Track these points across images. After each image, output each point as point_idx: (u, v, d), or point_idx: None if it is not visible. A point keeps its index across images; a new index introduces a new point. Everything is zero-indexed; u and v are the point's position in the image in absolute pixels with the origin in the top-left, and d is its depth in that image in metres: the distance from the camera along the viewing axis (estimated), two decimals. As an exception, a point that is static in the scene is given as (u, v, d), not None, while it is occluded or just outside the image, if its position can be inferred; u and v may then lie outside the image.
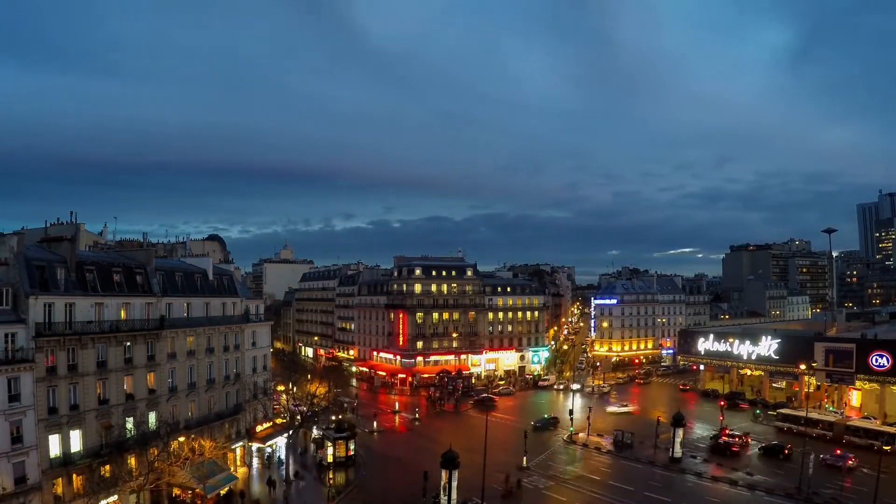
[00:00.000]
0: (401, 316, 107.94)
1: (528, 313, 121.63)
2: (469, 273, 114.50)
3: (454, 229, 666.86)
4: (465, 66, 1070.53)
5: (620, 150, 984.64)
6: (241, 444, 58.37)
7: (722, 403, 79.77)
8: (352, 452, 60.08)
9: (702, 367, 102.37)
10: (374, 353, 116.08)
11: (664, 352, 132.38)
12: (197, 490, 45.55)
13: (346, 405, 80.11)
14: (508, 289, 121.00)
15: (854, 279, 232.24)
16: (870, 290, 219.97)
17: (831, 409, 78.30)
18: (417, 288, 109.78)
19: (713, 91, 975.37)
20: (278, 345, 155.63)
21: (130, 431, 43.97)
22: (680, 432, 59.72)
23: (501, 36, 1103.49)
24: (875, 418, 69.93)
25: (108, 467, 41.80)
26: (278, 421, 66.36)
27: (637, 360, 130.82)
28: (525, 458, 58.21)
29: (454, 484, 44.06)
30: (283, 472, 56.03)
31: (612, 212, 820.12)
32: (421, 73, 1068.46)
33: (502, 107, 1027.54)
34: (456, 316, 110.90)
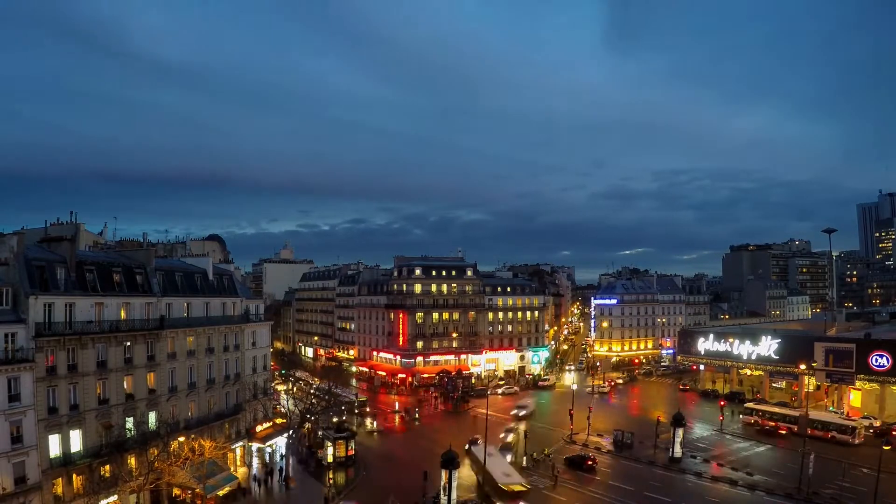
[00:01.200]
0: (401, 316, 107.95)
1: (528, 313, 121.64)
2: (469, 273, 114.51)
3: (384, 231, 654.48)
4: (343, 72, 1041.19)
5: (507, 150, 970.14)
6: (241, 444, 58.37)
7: (722, 403, 79.83)
8: (352, 452, 60.10)
9: (702, 367, 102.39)
10: (374, 352, 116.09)
11: (664, 352, 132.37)
12: (197, 490, 45.55)
13: (344, 407, 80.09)
14: (508, 289, 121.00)
15: (854, 279, 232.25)
16: (870, 290, 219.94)
17: (833, 409, 78.37)
18: (417, 288, 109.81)
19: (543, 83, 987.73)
20: (278, 345, 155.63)
21: (130, 431, 44.00)
22: (680, 432, 59.73)
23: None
24: (838, 412, 74.05)
25: (108, 467, 41.83)
26: (278, 421, 66.36)
27: (637, 360, 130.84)
28: (525, 458, 58.23)
29: (454, 484, 44.08)
30: (283, 472, 56.02)
31: (529, 214, 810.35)
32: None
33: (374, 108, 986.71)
34: (456, 316, 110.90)
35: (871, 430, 67.75)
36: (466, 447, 59.61)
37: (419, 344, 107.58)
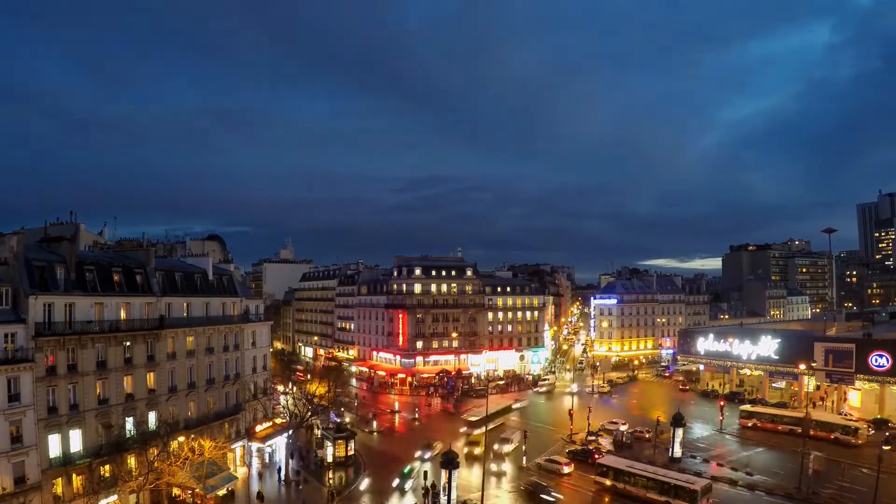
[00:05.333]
0: (400, 316, 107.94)
1: (528, 313, 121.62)
2: (469, 273, 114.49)
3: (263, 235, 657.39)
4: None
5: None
6: (241, 444, 58.34)
7: (721, 403, 79.80)
8: (352, 452, 60.09)
9: (702, 367, 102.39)
10: (374, 352, 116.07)
11: (664, 352, 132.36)
12: (197, 490, 45.53)
13: (343, 408, 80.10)
14: (508, 289, 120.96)
15: (854, 279, 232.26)
16: (870, 290, 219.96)
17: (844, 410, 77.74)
18: (417, 288, 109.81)
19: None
20: (278, 344, 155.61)
21: (130, 431, 43.99)
22: (680, 432, 59.74)
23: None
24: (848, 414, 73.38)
25: (107, 467, 41.85)
26: (278, 421, 66.32)
27: (637, 360, 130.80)
28: (524, 458, 58.21)
29: (454, 484, 44.07)
30: (283, 472, 55.99)
31: (402, 213, 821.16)
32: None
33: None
34: (456, 316, 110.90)
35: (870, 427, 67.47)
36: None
37: (419, 344, 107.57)
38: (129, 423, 44.50)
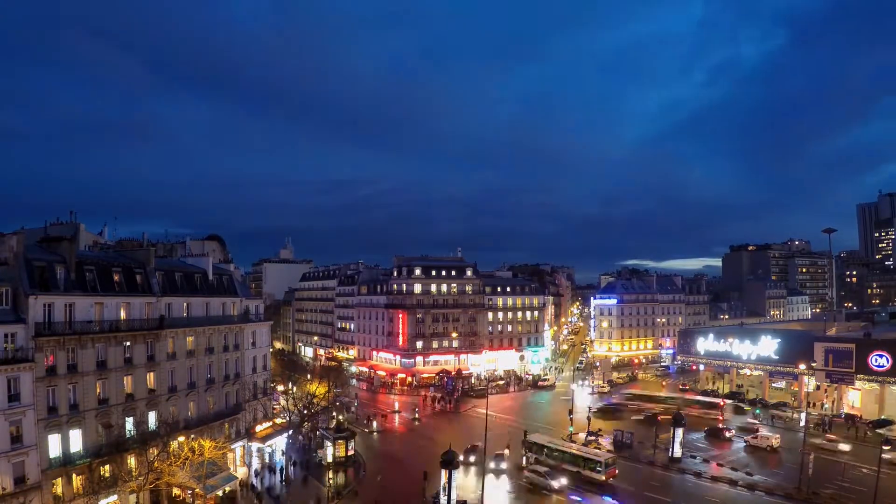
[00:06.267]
0: (400, 316, 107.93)
1: (528, 313, 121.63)
2: (469, 273, 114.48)
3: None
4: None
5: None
6: (241, 444, 58.34)
7: (722, 403, 79.83)
8: (352, 452, 60.09)
9: (702, 367, 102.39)
10: (374, 352, 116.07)
11: (664, 352, 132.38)
12: (197, 490, 45.53)
13: (344, 408, 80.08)
14: (508, 289, 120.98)
15: (854, 279, 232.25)
16: (870, 290, 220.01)
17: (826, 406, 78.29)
18: (417, 288, 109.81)
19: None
20: (278, 345, 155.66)
21: (130, 431, 43.98)
22: (680, 432, 59.72)
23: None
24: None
25: (107, 467, 41.80)
26: (278, 421, 66.33)
27: (637, 361, 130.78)
28: (524, 458, 58.23)
29: (454, 484, 44.05)
30: (283, 472, 56.00)
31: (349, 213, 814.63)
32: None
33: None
34: (456, 316, 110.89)
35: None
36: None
37: (419, 344, 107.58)
38: (129, 423, 44.49)
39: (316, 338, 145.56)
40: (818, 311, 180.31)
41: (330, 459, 57.59)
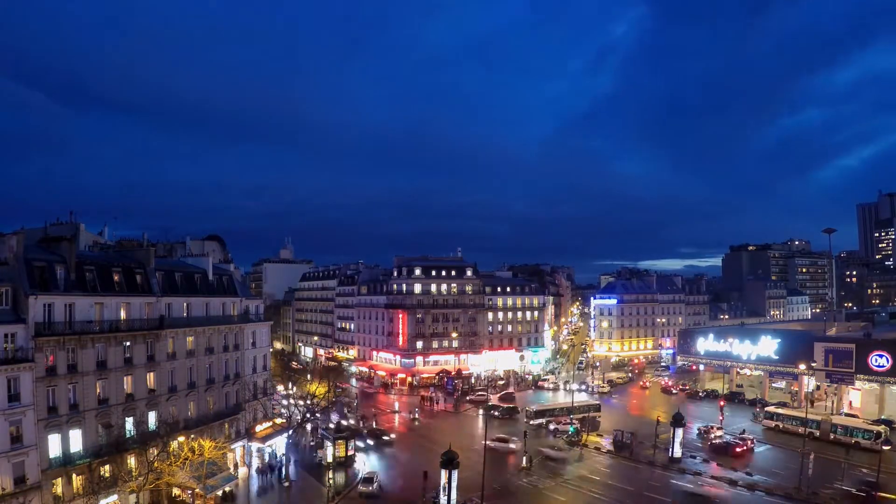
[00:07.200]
0: (400, 316, 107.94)
1: (528, 313, 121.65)
2: (469, 273, 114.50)
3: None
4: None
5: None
6: (241, 444, 58.32)
7: (721, 403, 79.83)
8: (352, 452, 60.08)
9: (702, 367, 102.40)
10: (374, 352, 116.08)
11: (664, 352, 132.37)
12: (197, 490, 45.53)
13: (346, 411, 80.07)
14: (508, 289, 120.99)
15: (854, 279, 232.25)
16: (870, 291, 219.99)
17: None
18: (417, 288, 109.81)
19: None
20: (278, 345, 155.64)
21: (130, 431, 43.97)
22: (680, 432, 59.70)
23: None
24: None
25: (107, 467, 41.81)
26: (278, 421, 66.32)
27: (637, 360, 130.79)
28: (525, 458, 58.22)
29: (454, 484, 44.04)
30: (283, 472, 55.98)
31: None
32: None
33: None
34: (456, 316, 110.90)
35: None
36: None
37: (419, 344, 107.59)
38: (129, 423, 44.47)
39: (316, 338, 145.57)
40: (818, 311, 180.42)
41: (330, 459, 57.58)
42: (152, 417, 46.79)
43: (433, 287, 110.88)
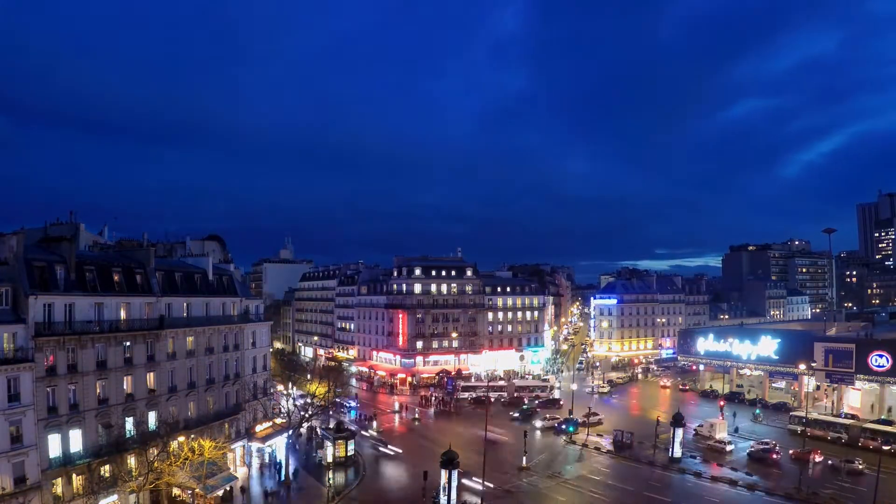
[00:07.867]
0: (400, 316, 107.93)
1: (528, 313, 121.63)
2: (469, 273, 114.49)
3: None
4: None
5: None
6: (241, 444, 58.32)
7: (721, 403, 79.83)
8: (352, 452, 60.06)
9: (702, 367, 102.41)
10: (374, 352, 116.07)
11: (664, 352, 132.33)
12: (197, 490, 45.52)
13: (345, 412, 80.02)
14: (508, 289, 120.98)
15: (854, 279, 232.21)
16: (870, 291, 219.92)
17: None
18: (417, 288, 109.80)
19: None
20: (278, 344, 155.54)
21: (130, 431, 43.95)
22: (680, 432, 59.72)
23: None
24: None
25: (107, 467, 41.79)
26: (278, 421, 66.27)
27: (637, 360, 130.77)
28: (525, 457, 58.23)
29: (454, 484, 44.05)
30: (283, 472, 55.96)
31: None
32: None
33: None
34: (456, 316, 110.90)
35: None
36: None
37: (419, 344, 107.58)
38: (129, 423, 44.46)
39: (316, 338, 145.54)
40: (818, 311, 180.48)
41: (330, 459, 57.58)
42: (152, 417, 46.77)
43: (433, 287, 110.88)
